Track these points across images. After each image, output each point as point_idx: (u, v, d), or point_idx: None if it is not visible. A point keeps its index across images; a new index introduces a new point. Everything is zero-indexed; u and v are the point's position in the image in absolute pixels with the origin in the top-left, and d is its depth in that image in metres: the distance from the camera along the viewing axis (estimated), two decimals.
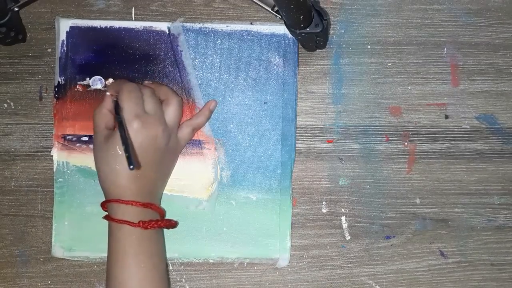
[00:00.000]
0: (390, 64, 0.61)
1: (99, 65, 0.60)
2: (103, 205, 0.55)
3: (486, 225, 0.61)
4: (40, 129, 0.60)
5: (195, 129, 0.59)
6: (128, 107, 0.53)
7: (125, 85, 0.55)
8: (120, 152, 0.52)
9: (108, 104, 0.56)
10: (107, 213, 0.55)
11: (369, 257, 0.60)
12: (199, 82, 0.60)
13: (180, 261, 0.60)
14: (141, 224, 0.52)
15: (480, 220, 0.61)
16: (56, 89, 0.60)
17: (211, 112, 0.60)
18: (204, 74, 0.60)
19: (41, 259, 0.60)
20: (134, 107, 0.53)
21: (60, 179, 0.59)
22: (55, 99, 0.60)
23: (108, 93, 0.56)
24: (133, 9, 0.61)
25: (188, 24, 0.60)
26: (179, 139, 0.58)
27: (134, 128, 0.53)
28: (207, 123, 0.60)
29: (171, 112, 0.56)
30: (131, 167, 0.47)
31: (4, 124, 0.60)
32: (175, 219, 0.58)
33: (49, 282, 0.60)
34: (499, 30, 0.62)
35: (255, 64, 0.60)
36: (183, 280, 0.60)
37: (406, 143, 0.61)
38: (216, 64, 0.60)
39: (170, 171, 0.59)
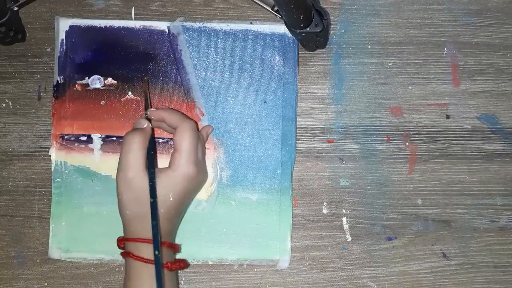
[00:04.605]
0: (390, 64, 0.61)
1: (99, 64, 0.60)
2: (120, 242, 0.52)
3: (489, 226, 0.60)
4: (39, 129, 0.60)
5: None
6: (189, 149, 0.52)
7: (187, 122, 0.52)
8: (171, 198, 0.51)
9: (147, 138, 0.52)
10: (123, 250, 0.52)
11: (370, 259, 0.60)
12: (199, 81, 0.60)
13: None
14: (169, 265, 0.51)
15: (483, 221, 0.60)
16: (55, 88, 0.59)
17: (208, 136, 0.59)
18: (204, 73, 0.60)
19: (38, 261, 0.59)
20: (194, 152, 0.52)
21: (58, 179, 0.59)
22: (53, 99, 0.59)
23: (149, 125, 0.53)
24: (133, 9, 0.61)
25: (187, 24, 0.60)
26: None
27: (188, 175, 0.52)
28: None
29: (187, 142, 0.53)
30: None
31: (2, 123, 0.60)
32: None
33: (46, 284, 0.59)
34: (499, 31, 0.61)
35: (255, 64, 0.60)
36: (182, 282, 0.59)
37: (407, 143, 0.60)
38: (215, 64, 0.60)
39: None
